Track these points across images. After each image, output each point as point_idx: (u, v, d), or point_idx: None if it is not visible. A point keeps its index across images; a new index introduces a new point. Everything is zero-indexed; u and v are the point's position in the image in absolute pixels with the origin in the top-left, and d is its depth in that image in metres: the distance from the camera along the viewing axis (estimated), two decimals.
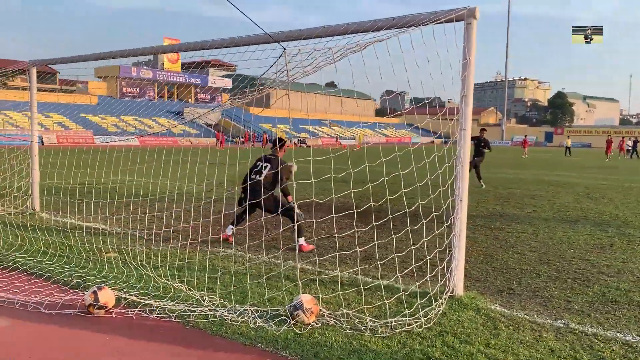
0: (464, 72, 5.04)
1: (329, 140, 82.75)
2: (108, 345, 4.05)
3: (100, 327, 4.37)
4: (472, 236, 8.41)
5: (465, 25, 4.97)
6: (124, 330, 4.33)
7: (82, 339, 4.17)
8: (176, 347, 4.02)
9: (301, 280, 5.59)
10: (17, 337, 4.22)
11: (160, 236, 7.66)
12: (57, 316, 4.57)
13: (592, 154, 48.35)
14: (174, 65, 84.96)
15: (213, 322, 4.42)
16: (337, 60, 4.98)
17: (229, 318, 4.43)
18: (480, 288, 5.70)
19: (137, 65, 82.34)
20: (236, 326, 4.32)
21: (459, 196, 5.13)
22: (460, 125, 5.11)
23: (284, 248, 7.07)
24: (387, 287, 5.48)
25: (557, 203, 12.75)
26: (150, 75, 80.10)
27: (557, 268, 6.52)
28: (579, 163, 34.41)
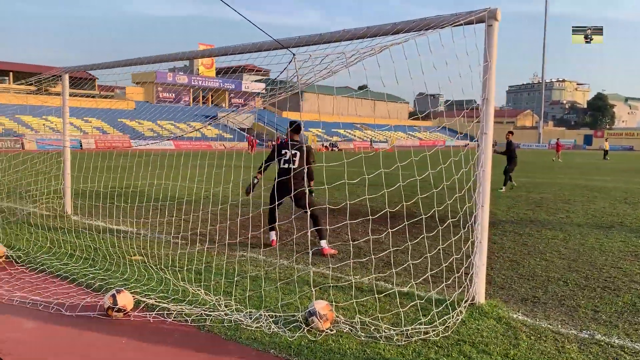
0: (485, 74, 4.93)
1: (362, 143, 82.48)
2: (124, 349, 4.10)
3: (117, 331, 4.43)
4: (499, 242, 8.23)
5: (486, 27, 4.86)
6: (140, 334, 4.37)
7: (99, 343, 4.23)
8: (189, 351, 4.04)
9: (319, 285, 5.57)
10: (40, 339, 4.31)
11: (187, 239, 7.76)
12: (77, 318, 4.65)
13: (632, 158, 46.81)
14: (208, 70, 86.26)
15: (228, 326, 4.43)
16: (352, 64, 4.93)
17: (244, 323, 4.43)
18: (503, 296, 5.55)
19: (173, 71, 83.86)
20: (250, 331, 4.31)
21: (480, 202, 5.01)
22: (481, 129, 4.99)
23: (298, 253, 7.05)
24: (406, 294, 5.39)
25: (592, 208, 12.36)
26: (185, 81, 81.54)
27: (587, 276, 6.31)
28: (618, 167, 33.33)
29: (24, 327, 4.50)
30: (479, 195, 5.03)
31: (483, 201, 5.01)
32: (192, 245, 7.46)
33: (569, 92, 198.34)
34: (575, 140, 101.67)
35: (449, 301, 5.03)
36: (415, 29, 5.03)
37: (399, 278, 5.90)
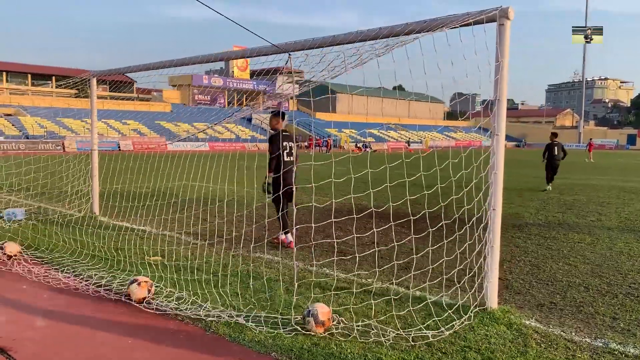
0: (496, 74, 4.81)
1: (396, 144, 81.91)
2: (132, 348, 4.17)
3: (125, 330, 4.52)
4: (523, 245, 8.05)
5: (498, 26, 4.75)
6: (146, 333, 4.45)
7: (108, 342, 4.32)
8: (194, 352, 4.08)
9: (331, 286, 5.54)
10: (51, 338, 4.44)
11: (207, 240, 7.86)
12: (87, 319, 4.77)
13: None
14: (243, 72, 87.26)
15: (234, 328, 4.46)
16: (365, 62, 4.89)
17: (248, 324, 4.45)
18: (519, 301, 5.41)
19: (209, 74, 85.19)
20: (254, 334, 4.33)
21: (492, 205, 4.89)
22: (493, 130, 4.88)
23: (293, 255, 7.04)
24: (418, 298, 5.31)
25: (626, 211, 11.94)
26: (220, 83, 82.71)
27: (610, 282, 6.09)
28: None
29: (36, 325, 4.64)
30: (491, 198, 4.91)
31: (495, 204, 4.89)
32: (211, 246, 7.54)
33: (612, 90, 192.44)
34: (617, 140, 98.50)
35: (455, 306, 4.93)
36: (427, 29, 4.96)
37: (414, 281, 5.83)
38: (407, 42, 4.66)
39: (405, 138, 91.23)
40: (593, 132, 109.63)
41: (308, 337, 4.24)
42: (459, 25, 4.68)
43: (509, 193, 15.49)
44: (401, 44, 4.71)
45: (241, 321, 4.49)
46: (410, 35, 4.94)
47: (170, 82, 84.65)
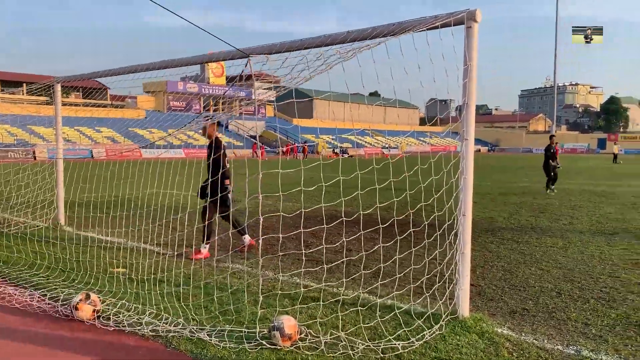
0: (464, 78, 4.73)
1: (373, 150, 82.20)
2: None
3: (82, 347, 4.29)
4: (495, 251, 7.99)
5: (465, 28, 4.67)
6: (105, 350, 4.22)
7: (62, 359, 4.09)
8: None
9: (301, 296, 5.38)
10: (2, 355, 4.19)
11: (175, 250, 7.63)
12: (42, 333, 4.52)
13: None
14: (219, 79, 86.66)
15: (197, 344, 4.26)
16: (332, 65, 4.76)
17: (211, 339, 4.26)
18: (492, 308, 5.32)
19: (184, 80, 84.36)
20: (218, 349, 4.14)
21: (462, 210, 4.79)
22: (461, 135, 4.79)
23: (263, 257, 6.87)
24: (389, 307, 5.18)
25: (598, 214, 12.04)
26: (196, 89, 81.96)
27: (582, 286, 6.05)
28: (630, 171, 32.74)
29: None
30: (461, 203, 4.81)
31: (465, 210, 4.79)
32: (178, 257, 7.32)
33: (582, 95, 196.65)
34: (589, 144, 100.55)
35: (426, 315, 4.82)
36: (394, 32, 4.87)
37: (385, 290, 5.70)
38: (373, 46, 4.55)
39: (381, 144, 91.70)
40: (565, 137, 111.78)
41: (274, 352, 4.06)
42: (426, 28, 4.59)
43: (482, 197, 15.56)
44: (366, 47, 4.59)
45: (204, 336, 4.30)
46: (376, 39, 4.84)
47: (144, 88, 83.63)
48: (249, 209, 5.98)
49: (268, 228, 9.27)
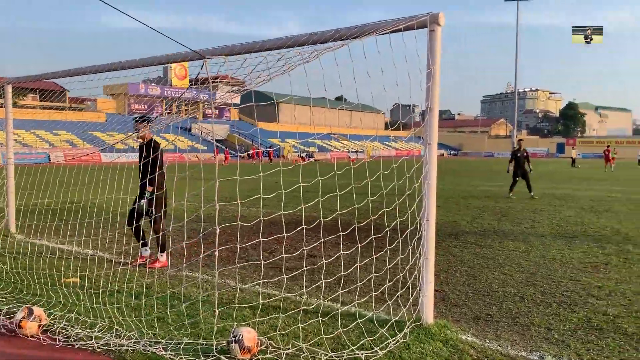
0: (428, 82, 4.67)
1: (339, 154, 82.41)
2: None
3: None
4: (459, 255, 7.99)
5: (429, 32, 4.61)
6: None
7: None
8: None
9: (263, 306, 5.22)
10: None
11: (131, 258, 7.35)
12: None
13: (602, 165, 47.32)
14: (181, 81, 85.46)
15: (150, 358, 4.05)
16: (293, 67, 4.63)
17: (167, 354, 4.06)
18: (456, 314, 5.27)
19: (146, 82, 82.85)
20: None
21: (426, 215, 4.72)
22: (425, 139, 4.72)
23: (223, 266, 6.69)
24: (352, 315, 5.06)
25: (558, 217, 12.26)
26: (158, 92, 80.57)
27: (544, 290, 6.07)
28: (587, 174, 33.69)
29: None
30: (424, 208, 4.74)
31: (428, 215, 4.72)
32: (136, 266, 7.04)
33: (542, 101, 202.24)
34: (548, 148, 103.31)
35: (390, 323, 4.73)
36: (357, 35, 4.77)
37: (349, 297, 5.59)
38: (335, 48, 4.44)
39: (347, 148, 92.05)
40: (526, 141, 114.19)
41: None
42: (389, 31, 4.51)
43: (445, 201, 15.67)
44: (329, 50, 4.48)
45: (159, 351, 4.09)
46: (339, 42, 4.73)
47: (104, 90, 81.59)
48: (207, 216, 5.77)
49: (231, 235, 9.06)
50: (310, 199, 7.34)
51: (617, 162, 42.14)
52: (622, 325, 4.88)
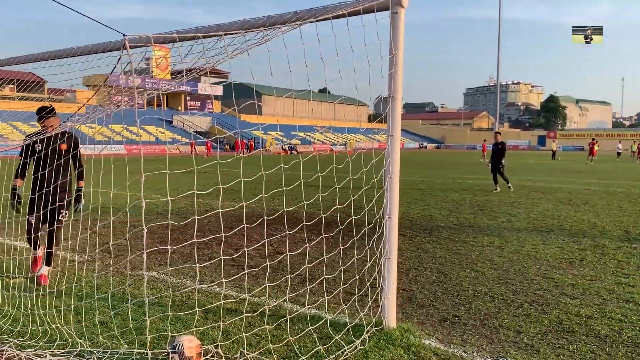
0: (390, 68, 4.34)
1: (321, 146, 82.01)
2: None
3: None
4: (431, 251, 7.72)
5: (391, 14, 4.28)
6: None
7: None
8: None
9: (218, 309, 4.88)
10: None
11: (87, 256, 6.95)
12: None
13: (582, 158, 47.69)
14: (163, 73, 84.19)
15: None
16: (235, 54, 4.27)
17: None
18: (422, 315, 4.98)
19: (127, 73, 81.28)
20: None
21: (388, 212, 4.40)
22: (387, 131, 4.40)
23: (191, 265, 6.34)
24: (312, 317, 4.73)
25: (535, 211, 12.07)
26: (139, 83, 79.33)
27: (516, 289, 5.81)
28: (567, 167, 33.81)
29: None
30: (386, 204, 4.42)
31: (391, 211, 4.41)
32: (90, 263, 6.65)
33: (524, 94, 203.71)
34: (529, 141, 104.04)
35: (347, 328, 4.42)
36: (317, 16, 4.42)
37: (312, 297, 5.26)
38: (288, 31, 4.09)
39: (330, 140, 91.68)
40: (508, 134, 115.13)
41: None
42: (347, 14, 4.16)
43: (423, 194, 15.43)
44: (281, 33, 4.13)
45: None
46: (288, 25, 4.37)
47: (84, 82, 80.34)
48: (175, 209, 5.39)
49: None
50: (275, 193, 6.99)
51: (597, 155, 42.30)
52: (594, 328, 4.63)
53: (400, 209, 12.69)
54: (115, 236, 8.47)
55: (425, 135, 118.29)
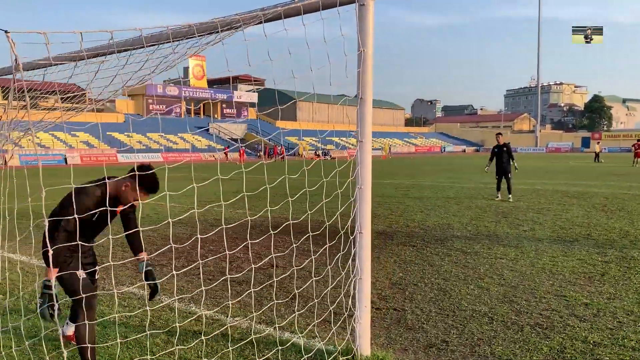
0: (359, 66, 3.89)
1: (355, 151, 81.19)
2: None
3: None
4: (438, 264, 7.17)
5: (358, 6, 3.83)
6: None
7: None
8: None
9: (187, 331, 4.51)
10: None
11: None
12: None
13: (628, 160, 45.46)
14: (199, 81, 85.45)
15: None
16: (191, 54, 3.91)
17: None
18: (407, 340, 4.48)
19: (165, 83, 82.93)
20: None
21: (359, 227, 3.94)
22: (357, 136, 3.95)
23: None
24: (285, 342, 4.31)
25: (563, 218, 11.29)
26: (176, 92, 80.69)
27: (520, 309, 5.23)
28: (610, 170, 32.21)
29: None
30: (356, 218, 3.96)
31: (362, 226, 3.94)
32: None
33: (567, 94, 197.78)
34: (572, 142, 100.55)
35: (311, 354, 3.97)
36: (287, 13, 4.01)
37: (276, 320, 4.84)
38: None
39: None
40: (549, 136, 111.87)
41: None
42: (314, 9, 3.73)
43: (447, 201, 14.78)
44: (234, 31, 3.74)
45: None
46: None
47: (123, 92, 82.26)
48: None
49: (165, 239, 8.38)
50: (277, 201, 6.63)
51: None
52: (601, 358, 4.03)
53: (418, 217, 12.20)
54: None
55: (464, 138, 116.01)
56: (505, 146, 15.60)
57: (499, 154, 15.59)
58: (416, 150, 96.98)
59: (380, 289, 5.97)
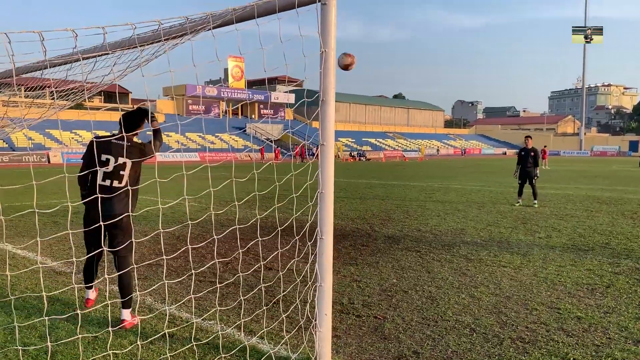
0: (321, 66, 3.77)
1: (392, 152, 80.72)
2: None
3: None
4: (436, 271, 6.95)
5: (320, 5, 3.71)
6: None
7: None
8: None
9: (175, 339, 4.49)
10: None
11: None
12: None
13: None
14: (238, 82, 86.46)
15: None
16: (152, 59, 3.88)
17: None
18: (377, 350, 4.32)
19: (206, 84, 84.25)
20: None
21: (319, 232, 3.82)
22: (319, 138, 3.83)
23: None
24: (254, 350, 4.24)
25: (585, 225, 10.81)
26: (215, 93, 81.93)
27: (506, 321, 5.00)
28: None
29: None
30: (318, 223, 3.84)
31: (323, 232, 3.82)
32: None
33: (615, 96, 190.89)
34: (619, 146, 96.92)
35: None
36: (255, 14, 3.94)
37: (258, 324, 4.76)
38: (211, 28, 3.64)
39: (402, 147, 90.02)
40: (595, 139, 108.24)
41: None
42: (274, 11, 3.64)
43: (469, 205, 14.41)
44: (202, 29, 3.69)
45: None
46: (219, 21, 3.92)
47: (164, 92, 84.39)
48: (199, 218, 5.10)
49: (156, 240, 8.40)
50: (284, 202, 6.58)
51: None
52: None
53: (433, 221, 11.91)
54: None
55: (505, 140, 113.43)
56: (532, 150, 15.09)
57: (524, 158, 15.06)
58: (454, 152, 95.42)
59: (367, 295, 5.82)
